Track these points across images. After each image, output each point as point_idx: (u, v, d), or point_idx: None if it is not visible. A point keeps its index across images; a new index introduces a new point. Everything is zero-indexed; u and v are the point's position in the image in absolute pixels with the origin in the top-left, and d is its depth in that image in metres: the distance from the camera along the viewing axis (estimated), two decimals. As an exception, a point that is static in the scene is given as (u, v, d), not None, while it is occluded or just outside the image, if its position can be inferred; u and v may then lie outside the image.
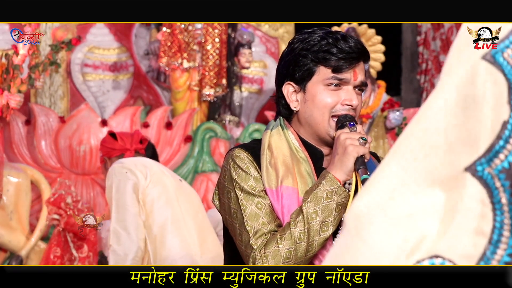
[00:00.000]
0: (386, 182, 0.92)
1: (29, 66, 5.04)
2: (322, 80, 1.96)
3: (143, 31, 6.35)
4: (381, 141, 5.50)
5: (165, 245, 3.20)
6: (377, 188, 0.92)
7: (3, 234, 4.45)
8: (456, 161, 0.89)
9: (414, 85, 7.55)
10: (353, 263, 0.89)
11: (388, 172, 0.92)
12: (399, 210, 0.90)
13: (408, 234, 0.89)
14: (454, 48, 0.99)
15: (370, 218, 0.90)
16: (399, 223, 0.89)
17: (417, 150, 0.92)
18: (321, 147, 1.99)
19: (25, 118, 5.63)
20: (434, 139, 0.91)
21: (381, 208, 0.90)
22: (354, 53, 1.96)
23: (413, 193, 0.90)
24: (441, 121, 0.91)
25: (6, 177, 4.50)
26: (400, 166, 0.92)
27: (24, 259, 4.55)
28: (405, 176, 0.91)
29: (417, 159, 0.91)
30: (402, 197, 0.91)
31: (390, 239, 0.89)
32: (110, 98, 6.34)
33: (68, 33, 5.86)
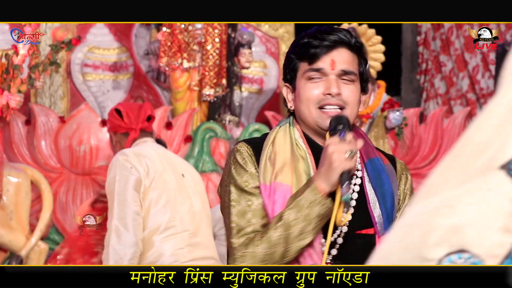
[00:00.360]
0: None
1: (29, 66, 5.04)
2: (303, 75, 1.96)
3: (143, 31, 6.34)
4: (381, 141, 5.50)
5: (152, 249, 3.13)
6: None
7: (3, 234, 4.45)
8: (493, 158, 0.89)
9: (414, 85, 7.54)
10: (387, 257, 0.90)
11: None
12: (436, 202, 0.91)
13: (439, 224, 0.89)
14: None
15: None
16: (433, 212, 0.89)
17: (464, 146, 0.93)
18: (321, 142, 1.99)
19: (25, 118, 5.63)
20: (478, 136, 0.92)
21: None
22: (327, 41, 1.92)
23: (452, 187, 0.91)
24: (491, 119, 0.92)
25: (6, 177, 4.50)
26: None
27: (24, 259, 4.55)
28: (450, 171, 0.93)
29: (460, 156, 0.93)
30: (443, 190, 0.91)
31: (419, 227, 0.89)
32: (110, 98, 6.34)
33: (68, 33, 5.85)
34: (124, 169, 3.13)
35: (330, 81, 1.93)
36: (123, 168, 3.13)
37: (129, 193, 3.10)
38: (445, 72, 7.15)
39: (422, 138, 6.15)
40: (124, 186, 3.10)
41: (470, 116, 6.58)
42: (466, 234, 0.89)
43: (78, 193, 5.60)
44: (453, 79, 7.08)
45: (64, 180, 5.60)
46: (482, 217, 0.89)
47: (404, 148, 6.10)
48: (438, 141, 6.18)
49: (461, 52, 6.94)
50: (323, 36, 1.93)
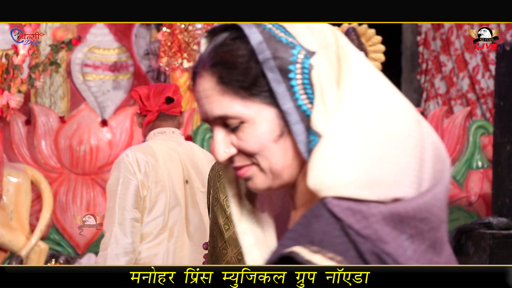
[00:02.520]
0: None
1: (29, 66, 5.04)
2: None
3: (143, 31, 6.34)
4: (381, 141, 5.51)
5: (139, 256, 3.09)
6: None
7: (3, 234, 4.45)
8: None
9: (414, 85, 7.55)
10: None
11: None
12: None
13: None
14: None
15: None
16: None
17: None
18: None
19: (25, 118, 5.63)
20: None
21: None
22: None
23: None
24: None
25: (6, 177, 4.50)
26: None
27: (24, 259, 4.55)
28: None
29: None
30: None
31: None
32: (110, 98, 6.34)
33: (68, 33, 5.85)
34: (128, 171, 3.04)
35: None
36: (127, 170, 3.05)
37: (130, 198, 3.03)
38: (445, 72, 7.15)
39: (422, 138, 6.15)
40: (126, 191, 3.03)
41: (470, 116, 6.58)
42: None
43: (78, 193, 5.60)
44: (453, 79, 7.08)
45: (64, 180, 5.60)
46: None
47: (404, 148, 6.10)
48: (438, 141, 6.18)
49: (461, 52, 6.94)
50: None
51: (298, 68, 1.09)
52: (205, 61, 1.14)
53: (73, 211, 5.44)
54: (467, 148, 6.19)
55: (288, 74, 1.09)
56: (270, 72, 1.09)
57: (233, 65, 1.11)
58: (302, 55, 1.10)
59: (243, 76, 1.10)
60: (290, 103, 1.09)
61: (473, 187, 6.14)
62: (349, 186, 1.04)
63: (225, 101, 1.12)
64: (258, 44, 1.10)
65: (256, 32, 1.11)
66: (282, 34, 1.11)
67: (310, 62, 1.09)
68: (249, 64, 1.10)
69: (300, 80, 1.09)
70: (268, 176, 1.13)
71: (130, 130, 5.67)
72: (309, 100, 1.09)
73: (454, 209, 6.09)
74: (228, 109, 1.11)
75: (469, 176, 6.16)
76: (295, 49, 1.10)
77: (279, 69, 1.09)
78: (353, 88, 1.08)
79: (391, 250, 1.03)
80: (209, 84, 1.14)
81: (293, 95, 1.09)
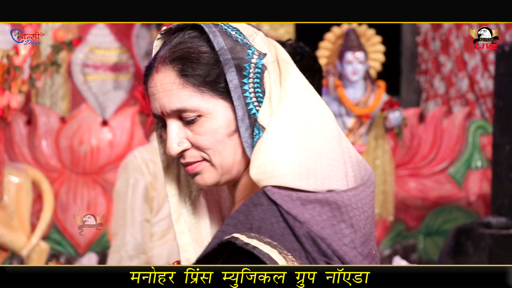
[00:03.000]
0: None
1: (30, 66, 5.04)
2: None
3: (144, 31, 6.35)
4: (380, 141, 5.50)
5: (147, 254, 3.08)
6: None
7: (4, 234, 4.45)
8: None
9: (414, 85, 7.55)
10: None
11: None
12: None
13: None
14: None
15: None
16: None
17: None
18: None
19: (26, 118, 5.63)
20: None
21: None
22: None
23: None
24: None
25: (7, 177, 4.50)
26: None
27: (25, 259, 4.55)
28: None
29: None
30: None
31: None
32: (111, 98, 6.34)
33: (69, 34, 5.86)
34: (137, 172, 3.04)
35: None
36: (136, 171, 3.04)
37: (139, 199, 3.02)
38: (445, 72, 7.15)
39: (422, 138, 6.15)
40: (135, 192, 3.02)
41: (470, 116, 6.58)
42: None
43: (79, 193, 5.60)
44: (452, 79, 7.08)
45: (65, 180, 5.60)
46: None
47: (403, 148, 6.11)
48: (437, 141, 6.18)
49: (461, 53, 6.94)
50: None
51: (252, 67, 1.16)
52: (164, 57, 1.18)
53: (73, 211, 5.44)
54: (467, 148, 6.19)
55: (243, 72, 1.15)
56: (228, 69, 1.15)
57: (196, 60, 1.16)
58: (256, 55, 1.17)
59: (206, 71, 1.15)
60: (241, 99, 1.15)
61: (473, 187, 6.14)
62: (287, 176, 1.11)
63: (184, 95, 1.16)
64: (219, 43, 1.15)
65: (216, 32, 1.16)
66: (237, 35, 1.18)
67: (263, 63, 1.17)
68: (211, 61, 1.15)
69: (252, 79, 1.15)
70: (218, 171, 1.18)
71: (131, 130, 5.67)
72: (257, 98, 1.16)
73: (454, 209, 6.10)
74: (187, 102, 1.15)
75: (469, 176, 6.16)
76: (251, 50, 1.17)
77: (236, 67, 1.15)
78: (293, 89, 1.16)
79: (326, 235, 1.09)
80: (168, 78, 1.17)
81: (244, 92, 1.15)
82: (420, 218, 6.13)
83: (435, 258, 5.79)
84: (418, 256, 6.10)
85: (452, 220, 5.97)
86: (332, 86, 5.46)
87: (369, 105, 5.42)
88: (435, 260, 5.76)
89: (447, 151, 6.18)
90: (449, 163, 6.18)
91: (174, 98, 1.16)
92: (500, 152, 4.54)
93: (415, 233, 6.12)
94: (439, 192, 6.10)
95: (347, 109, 5.40)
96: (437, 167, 6.17)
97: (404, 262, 5.63)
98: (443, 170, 6.17)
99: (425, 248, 6.11)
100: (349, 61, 5.36)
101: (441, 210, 6.10)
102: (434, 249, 6.00)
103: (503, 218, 4.40)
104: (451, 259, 4.33)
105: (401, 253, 6.00)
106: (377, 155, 5.48)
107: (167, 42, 1.20)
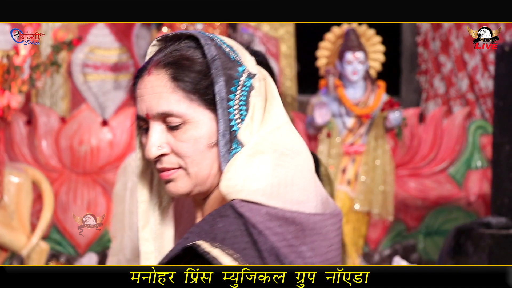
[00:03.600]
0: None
1: (30, 66, 5.04)
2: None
3: (144, 31, 6.35)
4: (380, 141, 5.50)
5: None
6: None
7: (4, 234, 4.45)
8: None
9: (414, 85, 7.55)
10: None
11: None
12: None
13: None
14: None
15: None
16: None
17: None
18: None
19: (26, 118, 5.63)
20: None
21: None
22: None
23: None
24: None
25: (7, 177, 4.50)
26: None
27: (25, 259, 4.55)
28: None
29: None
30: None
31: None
32: (111, 99, 6.34)
33: (69, 34, 5.86)
34: (134, 175, 3.03)
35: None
36: (134, 174, 3.03)
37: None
38: (445, 73, 7.15)
39: (422, 138, 6.15)
40: (134, 195, 3.02)
41: (470, 116, 6.58)
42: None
43: (79, 193, 5.60)
44: (452, 79, 7.08)
45: (65, 180, 5.60)
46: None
47: (403, 148, 6.10)
48: (437, 141, 6.18)
49: (461, 53, 6.94)
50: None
51: (240, 85, 1.18)
52: (158, 60, 1.19)
53: (73, 211, 5.44)
54: (467, 148, 6.19)
55: (231, 87, 1.17)
56: (218, 81, 1.16)
57: (189, 68, 1.17)
58: (246, 74, 1.19)
59: (197, 80, 1.17)
60: (225, 113, 1.16)
61: (473, 187, 6.14)
62: (258, 192, 1.12)
63: (173, 99, 1.17)
64: (212, 53, 1.17)
65: (211, 45, 1.18)
66: (230, 51, 1.20)
67: (252, 83, 1.19)
68: (204, 71, 1.17)
69: (239, 96, 1.18)
70: (192, 181, 1.18)
71: (131, 130, 5.67)
72: (240, 115, 1.18)
73: (454, 209, 6.10)
74: (175, 107, 1.16)
75: (469, 176, 6.16)
76: (241, 67, 1.19)
77: (225, 80, 1.17)
78: (277, 117, 1.20)
79: (288, 254, 1.09)
80: (160, 81, 1.18)
81: (228, 107, 1.17)
82: (420, 218, 6.12)
83: (435, 258, 5.79)
84: (418, 256, 6.10)
85: (452, 220, 5.97)
86: (332, 86, 5.46)
87: (369, 105, 5.42)
88: (435, 260, 5.76)
89: (447, 151, 6.18)
90: (449, 163, 6.18)
91: (163, 101, 1.17)
92: (500, 152, 4.54)
93: (415, 233, 6.12)
94: (439, 192, 6.10)
95: (347, 109, 5.40)
96: (437, 167, 6.17)
97: (404, 262, 5.63)
98: (443, 170, 6.17)
99: (425, 248, 6.11)
100: (349, 61, 5.36)
101: (441, 210, 6.10)
102: (434, 249, 6.00)
103: (503, 218, 4.40)
104: (451, 259, 4.33)
105: (401, 253, 6.00)
106: (377, 155, 5.48)
107: (163, 48, 1.21)
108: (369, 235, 5.84)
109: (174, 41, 1.21)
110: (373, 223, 5.76)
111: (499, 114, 4.59)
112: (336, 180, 5.42)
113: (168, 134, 1.18)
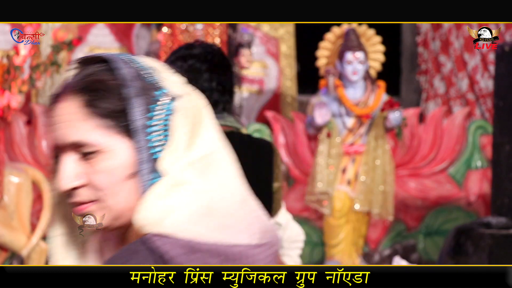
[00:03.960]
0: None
1: (30, 66, 5.04)
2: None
3: (144, 31, 6.35)
4: (380, 141, 5.50)
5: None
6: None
7: (4, 234, 4.45)
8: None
9: (414, 85, 7.55)
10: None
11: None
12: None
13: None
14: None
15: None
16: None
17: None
18: None
19: (26, 118, 5.63)
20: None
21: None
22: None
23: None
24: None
25: (7, 177, 4.50)
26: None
27: (25, 259, 4.55)
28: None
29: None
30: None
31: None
32: (111, 98, 6.34)
33: (69, 34, 5.86)
34: None
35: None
36: None
37: None
38: (445, 73, 7.15)
39: (422, 138, 6.15)
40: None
41: (470, 116, 6.58)
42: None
43: (79, 193, 5.60)
44: (452, 79, 7.08)
45: (65, 180, 5.60)
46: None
47: (403, 148, 6.11)
48: (437, 141, 6.18)
49: (461, 53, 6.94)
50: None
51: (158, 110, 1.09)
52: (71, 86, 1.11)
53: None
54: (467, 148, 6.19)
55: (148, 113, 1.09)
56: (132, 107, 1.08)
57: (104, 93, 1.09)
58: (166, 97, 1.10)
59: (113, 105, 1.09)
60: (144, 141, 1.08)
61: (473, 187, 6.14)
62: (177, 224, 1.04)
63: (86, 127, 1.09)
64: (124, 76, 1.09)
65: (124, 68, 1.10)
66: (147, 74, 1.11)
67: (173, 106, 1.10)
68: (119, 95, 1.09)
69: (158, 121, 1.09)
70: (112, 214, 1.10)
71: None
72: (161, 142, 1.09)
73: (454, 209, 6.10)
74: (87, 135, 1.08)
75: (469, 176, 6.16)
76: (159, 91, 1.10)
77: (141, 107, 1.09)
78: (206, 144, 1.10)
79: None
80: (72, 108, 1.10)
81: (147, 135, 1.09)
82: (420, 218, 6.13)
83: (435, 258, 5.79)
84: (418, 256, 6.10)
85: (452, 220, 5.97)
86: (332, 86, 5.46)
87: (369, 105, 5.42)
88: (435, 260, 5.76)
89: (447, 151, 6.18)
90: (449, 163, 6.18)
91: (74, 130, 1.09)
92: (500, 152, 4.54)
93: (415, 233, 6.12)
94: (439, 192, 6.10)
95: (347, 109, 5.41)
96: (437, 167, 6.17)
97: (404, 262, 5.64)
98: (443, 170, 6.17)
99: (425, 248, 6.12)
100: (349, 61, 5.36)
101: (441, 210, 6.10)
102: (434, 249, 6.00)
103: (503, 218, 4.40)
104: (451, 259, 4.33)
105: (401, 253, 6.00)
106: (377, 155, 5.48)
107: (78, 73, 1.13)
108: (369, 235, 5.85)
109: (90, 65, 1.13)
110: (373, 223, 5.76)
111: (499, 114, 4.59)
112: (336, 180, 5.43)
113: (82, 165, 1.09)
